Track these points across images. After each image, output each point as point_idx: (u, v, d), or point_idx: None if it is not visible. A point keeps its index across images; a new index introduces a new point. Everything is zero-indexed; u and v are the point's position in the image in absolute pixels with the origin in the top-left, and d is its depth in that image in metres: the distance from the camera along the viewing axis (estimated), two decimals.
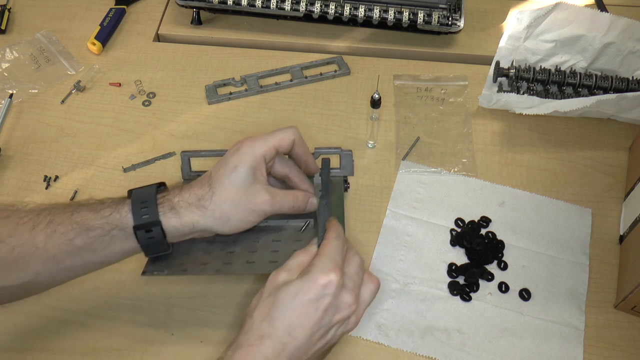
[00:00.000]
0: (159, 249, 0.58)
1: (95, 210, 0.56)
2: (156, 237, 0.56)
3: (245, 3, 0.89)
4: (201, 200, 0.57)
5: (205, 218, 0.56)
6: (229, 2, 0.89)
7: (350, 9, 0.88)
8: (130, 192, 0.58)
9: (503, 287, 0.67)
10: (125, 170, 0.78)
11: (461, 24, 0.88)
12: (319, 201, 0.63)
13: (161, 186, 0.60)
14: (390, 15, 0.88)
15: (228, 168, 0.58)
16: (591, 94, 0.81)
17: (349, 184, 0.74)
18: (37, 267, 0.54)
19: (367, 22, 0.89)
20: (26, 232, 0.54)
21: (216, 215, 0.57)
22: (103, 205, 0.57)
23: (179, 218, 0.56)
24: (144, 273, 0.60)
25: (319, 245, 0.57)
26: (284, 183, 0.65)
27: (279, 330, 0.50)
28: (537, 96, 0.81)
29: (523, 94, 0.81)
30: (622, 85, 0.80)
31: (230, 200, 0.57)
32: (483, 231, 0.72)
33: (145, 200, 0.56)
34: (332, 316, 0.53)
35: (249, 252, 0.61)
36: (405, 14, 0.87)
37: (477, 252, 0.69)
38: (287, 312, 0.51)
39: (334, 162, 0.71)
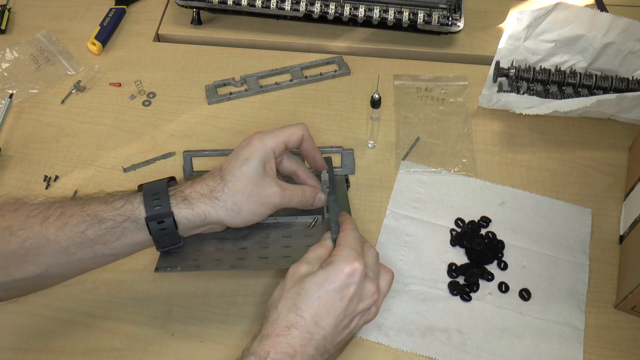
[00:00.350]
0: (170, 242, 0.59)
1: (107, 203, 0.56)
2: (168, 229, 0.57)
3: (245, 3, 0.89)
4: (213, 192, 0.57)
5: (217, 209, 0.57)
6: (229, 2, 0.89)
7: (350, 9, 0.88)
8: (140, 186, 0.59)
9: (503, 287, 0.67)
10: (125, 170, 0.78)
11: (461, 24, 0.88)
12: (326, 197, 0.64)
13: (171, 180, 0.60)
14: (390, 15, 0.88)
15: (239, 160, 0.58)
16: (591, 94, 0.81)
17: (349, 182, 0.75)
18: (48, 260, 0.55)
19: (367, 22, 0.89)
20: (37, 224, 0.54)
21: (228, 207, 0.57)
22: (114, 197, 0.57)
23: (191, 209, 0.57)
24: (157, 269, 0.60)
25: (333, 239, 0.58)
26: (291, 180, 0.66)
27: (306, 320, 0.51)
28: (537, 96, 0.81)
29: (523, 94, 0.81)
30: (622, 85, 0.80)
31: (241, 191, 0.57)
32: (483, 231, 0.72)
33: (157, 192, 0.57)
34: (356, 305, 0.54)
35: (260, 248, 0.62)
36: (405, 14, 0.87)
37: (477, 252, 0.69)
38: (313, 301, 0.52)
39: (336, 161, 0.72)
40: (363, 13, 0.88)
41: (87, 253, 0.56)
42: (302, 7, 0.88)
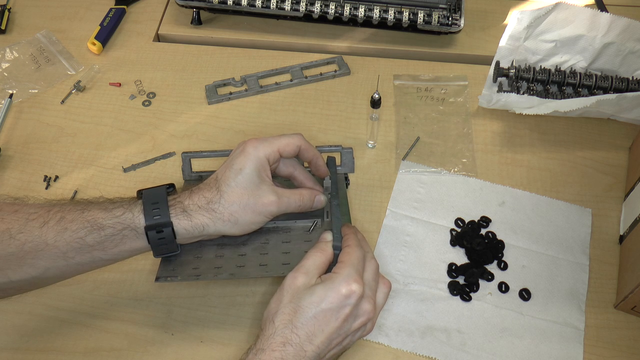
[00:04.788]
0: (168, 250, 0.59)
1: (107, 210, 0.56)
2: (167, 238, 0.57)
3: (245, 3, 0.89)
4: (210, 203, 0.57)
5: (214, 221, 0.57)
6: (229, 2, 0.89)
7: (350, 9, 0.88)
8: (139, 192, 0.59)
9: (503, 287, 0.67)
10: (125, 170, 0.78)
11: (461, 24, 0.88)
12: (328, 200, 0.64)
13: (170, 187, 0.60)
14: (390, 15, 0.88)
15: (233, 170, 0.58)
16: (591, 94, 0.81)
17: (349, 180, 0.75)
18: (46, 263, 0.55)
19: (367, 22, 0.89)
20: (36, 228, 0.54)
21: (225, 218, 0.57)
22: (114, 204, 0.57)
23: (190, 220, 0.57)
24: (157, 279, 0.60)
25: (335, 247, 0.58)
26: (289, 182, 0.65)
27: (301, 337, 0.52)
28: (537, 96, 0.81)
29: (523, 94, 0.81)
30: (622, 85, 0.80)
31: (238, 202, 0.57)
32: (483, 231, 0.72)
33: (157, 201, 0.57)
34: (351, 324, 0.55)
35: (260, 254, 0.62)
36: (405, 14, 0.87)
37: (477, 252, 0.69)
38: (309, 320, 0.53)
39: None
40: (363, 13, 0.88)
41: (85, 258, 0.56)
42: (302, 7, 0.88)
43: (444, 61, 0.90)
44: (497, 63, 0.82)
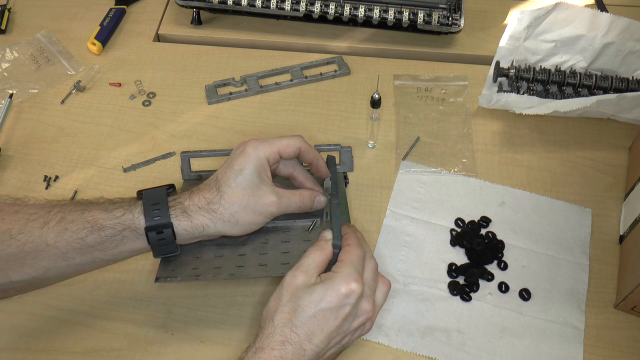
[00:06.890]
0: (168, 250, 0.59)
1: (107, 210, 0.56)
2: (167, 239, 0.57)
3: (245, 3, 0.89)
4: (210, 204, 0.57)
5: (215, 221, 0.57)
6: (229, 2, 0.89)
7: (350, 9, 0.88)
8: (139, 193, 0.59)
9: (503, 287, 0.67)
10: (125, 170, 0.78)
11: (461, 24, 0.88)
12: (328, 200, 0.64)
13: (170, 188, 0.60)
14: (390, 15, 0.88)
15: (234, 171, 0.58)
16: (591, 94, 0.81)
17: (348, 179, 0.75)
18: (46, 264, 0.55)
19: (367, 22, 0.89)
20: (37, 228, 0.55)
21: (225, 218, 0.57)
22: (114, 205, 0.57)
23: (190, 221, 0.57)
24: (157, 280, 0.60)
25: (335, 245, 0.58)
26: (288, 182, 0.65)
27: (300, 336, 0.52)
28: (537, 96, 0.81)
29: (523, 94, 0.81)
30: (622, 85, 0.80)
31: (238, 202, 0.58)
32: (483, 231, 0.72)
33: (157, 202, 0.57)
34: (350, 323, 0.55)
35: (259, 254, 0.62)
36: (405, 14, 0.87)
37: (477, 252, 0.69)
38: (308, 320, 0.53)
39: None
40: (363, 13, 0.88)
41: (85, 258, 0.56)
42: (302, 7, 0.88)
43: (444, 61, 0.90)
44: (497, 63, 0.82)
